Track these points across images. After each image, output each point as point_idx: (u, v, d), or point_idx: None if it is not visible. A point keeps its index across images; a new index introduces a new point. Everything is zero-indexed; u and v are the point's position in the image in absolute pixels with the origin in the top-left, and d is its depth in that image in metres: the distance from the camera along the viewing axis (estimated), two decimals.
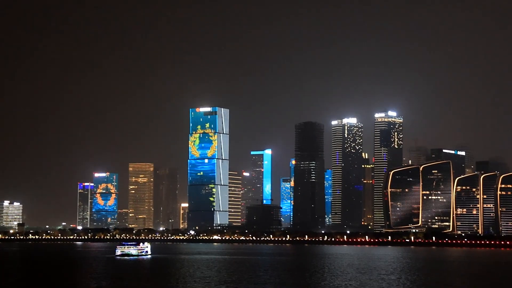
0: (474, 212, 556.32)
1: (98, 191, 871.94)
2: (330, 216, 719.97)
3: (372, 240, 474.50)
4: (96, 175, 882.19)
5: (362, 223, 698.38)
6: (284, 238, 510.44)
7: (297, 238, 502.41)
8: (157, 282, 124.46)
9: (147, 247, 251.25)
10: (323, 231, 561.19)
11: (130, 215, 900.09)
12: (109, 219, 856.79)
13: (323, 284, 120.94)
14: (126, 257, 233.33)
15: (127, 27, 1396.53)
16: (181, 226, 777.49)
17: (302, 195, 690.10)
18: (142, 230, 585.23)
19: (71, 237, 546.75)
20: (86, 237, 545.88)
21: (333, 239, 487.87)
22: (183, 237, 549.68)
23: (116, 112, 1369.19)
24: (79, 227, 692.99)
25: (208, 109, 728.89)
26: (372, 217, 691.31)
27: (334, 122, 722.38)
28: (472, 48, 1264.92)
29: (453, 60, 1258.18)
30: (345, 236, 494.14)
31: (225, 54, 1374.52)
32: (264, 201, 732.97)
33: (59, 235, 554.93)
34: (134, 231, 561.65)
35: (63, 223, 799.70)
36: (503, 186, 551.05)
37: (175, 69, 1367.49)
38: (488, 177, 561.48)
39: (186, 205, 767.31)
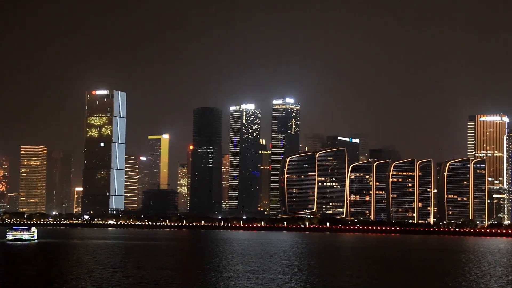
0: (367, 198, 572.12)
1: None
2: (226, 201, 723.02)
3: (268, 225, 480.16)
4: None
5: (259, 208, 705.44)
6: (180, 223, 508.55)
7: (194, 223, 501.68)
8: (52, 267, 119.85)
9: (34, 231, 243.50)
10: (219, 217, 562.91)
11: (21, 198, 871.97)
12: None
13: (228, 269, 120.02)
14: (18, 242, 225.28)
15: (22, 3, 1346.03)
16: (75, 210, 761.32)
17: (199, 180, 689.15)
18: (33, 214, 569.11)
19: None
20: None
21: (229, 224, 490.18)
22: (77, 221, 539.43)
23: (8, 92, 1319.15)
24: None
25: (105, 92, 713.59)
26: (268, 203, 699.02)
27: (232, 108, 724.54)
28: (369, 37, 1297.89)
29: (351, 48, 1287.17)
30: (241, 222, 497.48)
31: (123, 38, 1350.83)
32: (161, 186, 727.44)
33: None
34: (25, 215, 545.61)
35: None
36: (394, 173, 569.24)
37: (71, 51, 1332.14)
38: (381, 164, 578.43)
39: (80, 189, 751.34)
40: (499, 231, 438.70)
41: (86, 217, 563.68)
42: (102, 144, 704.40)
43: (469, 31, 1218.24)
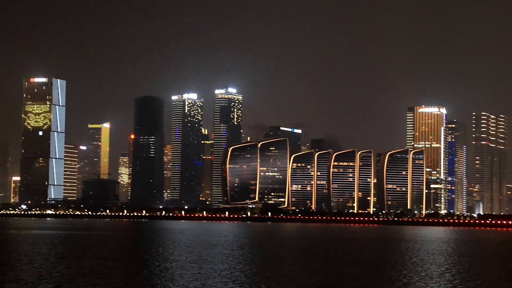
0: (308, 188, 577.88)
1: None
2: (168, 191, 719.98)
3: (209, 215, 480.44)
4: None
5: (200, 198, 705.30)
6: (121, 213, 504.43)
7: (135, 213, 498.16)
8: None
9: None
10: (161, 206, 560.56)
11: None
12: None
13: (170, 259, 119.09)
14: None
15: None
16: (12, 200, 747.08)
17: (140, 170, 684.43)
18: None
19: None
20: None
21: (171, 214, 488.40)
22: (14, 211, 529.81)
23: None
24: None
25: (44, 80, 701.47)
26: (210, 193, 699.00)
27: (174, 97, 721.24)
28: (311, 28, 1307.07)
29: (293, 38, 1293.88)
30: (183, 211, 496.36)
31: (63, 25, 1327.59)
32: (101, 176, 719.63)
33: None
34: None
35: None
36: (335, 163, 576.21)
37: (9, 36, 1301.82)
38: (322, 154, 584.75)
39: (18, 178, 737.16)
40: (436, 220, 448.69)
41: (24, 207, 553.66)
42: (40, 133, 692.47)
43: (407, 24, 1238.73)
